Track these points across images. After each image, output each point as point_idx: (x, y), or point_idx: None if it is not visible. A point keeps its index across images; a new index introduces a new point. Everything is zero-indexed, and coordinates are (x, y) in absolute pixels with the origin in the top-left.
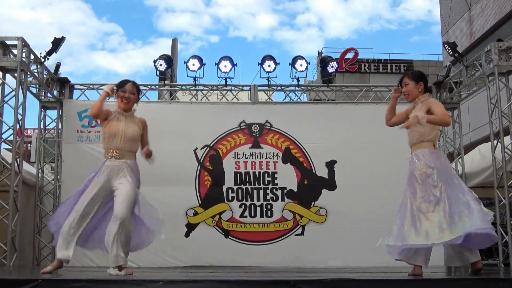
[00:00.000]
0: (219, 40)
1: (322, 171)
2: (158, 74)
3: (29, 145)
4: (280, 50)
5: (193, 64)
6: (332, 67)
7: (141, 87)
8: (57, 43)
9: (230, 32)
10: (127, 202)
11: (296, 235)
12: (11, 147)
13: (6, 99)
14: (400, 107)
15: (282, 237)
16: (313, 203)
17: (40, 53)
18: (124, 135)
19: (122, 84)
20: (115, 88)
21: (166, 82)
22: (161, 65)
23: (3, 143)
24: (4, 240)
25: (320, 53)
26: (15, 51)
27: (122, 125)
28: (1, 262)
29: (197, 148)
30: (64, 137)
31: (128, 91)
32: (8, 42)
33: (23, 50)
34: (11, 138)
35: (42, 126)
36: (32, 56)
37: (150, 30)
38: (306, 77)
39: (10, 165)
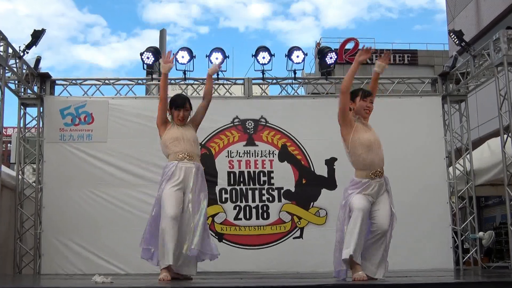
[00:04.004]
0: (209, 31)
1: (321, 170)
2: (145, 67)
3: (8, 145)
4: (274, 41)
5: (183, 57)
6: (331, 58)
7: (127, 82)
8: (37, 35)
9: (221, 23)
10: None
11: (294, 238)
12: None
13: None
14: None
15: (279, 241)
16: (312, 203)
17: (19, 47)
18: (187, 138)
19: (177, 104)
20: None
21: (154, 76)
22: (148, 58)
23: None
24: None
25: (318, 44)
26: None
27: (181, 131)
28: None
29: None
30: (46, 136)
31: (182, 111)
32: None
33: (1, 44)
34: None
35: (22, 125)
36: (10, 50)
37: (135, 21)
38: (303, 69)
39: None
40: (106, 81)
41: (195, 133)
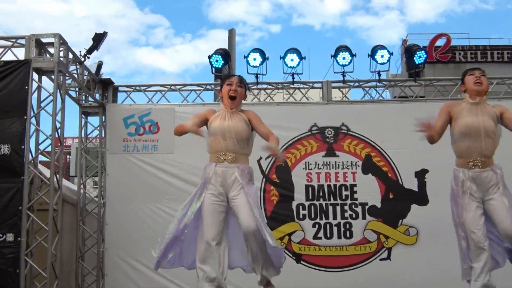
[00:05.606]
0: (281, 30)
1: (410, 183)
2: (213, 71)
3: (67, 156)
4: (354, 39)
5: (254, 59)
6: (420, 57)
7: (194, 87)
8: (99, 39)
9: (294, 20)
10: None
11: (381, 259)
12: (49, 160)
13: (43, 104)
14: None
15: (364, 262)
16: (400, 221)
17: (80, 52)
18: (231, 135)
19: (227, 76)
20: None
21: None
22: (217, 61)
23: (40, 156)
24: (44, 265)
25: (404, 41)
26: (51, 50)
27: (227, 124)
28: None
29: (261, 158)
30: (108, 147)
31: (234, 83)
32: (44, 40)
33: (61, 49)
34: (49, 149)
35: (83, 135)
36: (70, 55)
37: (200, 21)
38: (388, 70)
39: (48, 181)
40: (172, 87)
41: (249, 128)
